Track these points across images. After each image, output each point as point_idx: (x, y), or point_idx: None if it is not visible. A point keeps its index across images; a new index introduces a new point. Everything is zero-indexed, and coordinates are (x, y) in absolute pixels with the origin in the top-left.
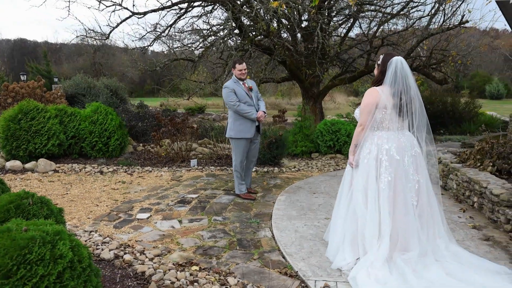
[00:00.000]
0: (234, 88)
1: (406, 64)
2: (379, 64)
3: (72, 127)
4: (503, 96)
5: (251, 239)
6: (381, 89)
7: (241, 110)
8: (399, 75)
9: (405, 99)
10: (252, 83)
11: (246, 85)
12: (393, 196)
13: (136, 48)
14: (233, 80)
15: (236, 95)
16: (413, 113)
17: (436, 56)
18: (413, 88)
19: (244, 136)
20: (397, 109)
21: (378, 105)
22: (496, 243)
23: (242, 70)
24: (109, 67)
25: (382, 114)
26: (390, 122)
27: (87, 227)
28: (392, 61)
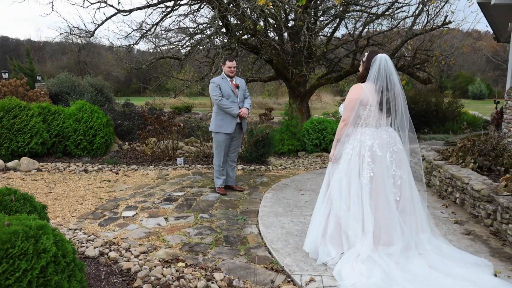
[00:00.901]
0: (220, 83)
1: (391, 62)
2: (363, 61)
3: (56, 125)
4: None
5: (237, 235)
6: (365, 85)
7: (222, 104)
8: (382, 71)
9: (389, 95)
10: (241, 81)
11: (233, 82)
12: (375, 192)
13: (122, 46)
14: (221, 76)
15: (221, 91)
16: (396, 110)
17: (420, 56)
18: (397, 85)
19: (223, 131)
20: (380, 106)
21: (362, 102)
22: (476, 237)
23: (231, 68)
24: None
25: (366, 111)
26: (373, 119)
27: (71, 225)
28: (377, 58)
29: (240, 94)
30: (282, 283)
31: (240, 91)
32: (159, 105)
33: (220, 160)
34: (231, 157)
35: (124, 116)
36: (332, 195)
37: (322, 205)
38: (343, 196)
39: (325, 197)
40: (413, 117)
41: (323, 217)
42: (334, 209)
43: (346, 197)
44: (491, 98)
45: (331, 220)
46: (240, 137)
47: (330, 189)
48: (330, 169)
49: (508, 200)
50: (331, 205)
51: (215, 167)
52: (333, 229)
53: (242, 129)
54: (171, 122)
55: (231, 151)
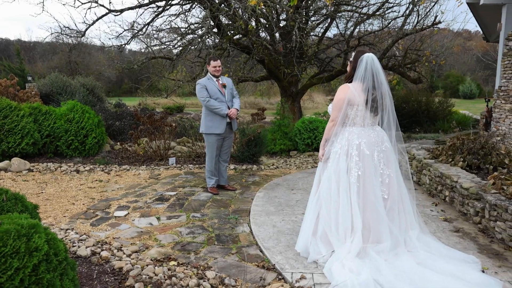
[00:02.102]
0: (206, 84)
1: (377, 61)
2: (351, 61)
3: (47, 126)
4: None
5: (229, 234)
6: (352, 85)
7: (210, 105)
8: (369, 70)
9: (376, 94)
10: (227, 80)
11: (220, 82)
12: (363, 190)
13: (113, 46)
14: (207, 77)
15: (208, 91)
16: (384, 109)
17: (410, 56)
18: (384, 85)
19: (213, 131)
20: (368, 105)
21: (350, 101)
22: (465, 234)
23: (216, 67)
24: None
25: (354, 110)
26: (361, 118)
27: (63, 225)
28: (363, 57)
29: (228, 93)
30: (273, 281)
31: (227, 91)
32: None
33: (212, 161)
34: (223, 157)
35: (116, 116)
36: (321, 194)
37: (313, 205)
38: (332, 195)
39: (315, 196)
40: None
41: (313, 216)
42: (323, 207)
43: (335, 195)
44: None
45: (321, 219)
46: (231, 137)
47: (319, 188)
48: (320, 169)
49: (495, 198)
50: (321, 204)
51: (207, 167)
52: (323, 228)
53: (232, 128)
54: (163, 121)
55: (223, 151)
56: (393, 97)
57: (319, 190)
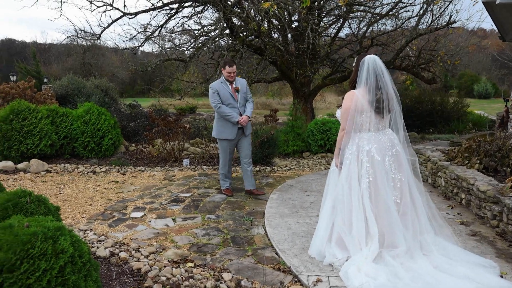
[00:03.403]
0: (218, 89)
1: (380, 61)
2: (354, 66)
3: (64, 127)
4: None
5: (244, 236)
6: (358, 91)
7: (221, 112)
8: (371, 71)
9: (381, 95)
10: (241, 83)
11: (233, 86)
12: (375, 196)
13: (127, 49)
14: (220, 81)
15: (220, 96)
16: (389, 110)
17: (424, 56)
18: (389, 84)
19: (224, 137)
20: (374, 107)
21: (357, 108)
22: (483, 238)
23: (230, 73)
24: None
25: (363, 116)
26: (370, 124)
27: (81, 226)
28: (365, 59)
29: (241, 98)
30: (290, 283)
31: (240, 95)
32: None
33: (225, 165)
34: (243, 160)
35: (131, 117)
36: (335, 200)
37: (326, 211)
38: (345, 202)
39: (328, 202)
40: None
41: (328, 222)
42: (338, 214)
43: (348, 202)
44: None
45: (336, 225)
46: (247, 139)
47: (333, 194)
48: (331, 174)
49: None
50: (335, 210)
51: (220, 170)
52: (338, 234)
53: (245, 133)
54: (177, 123)
55: (242, 153)
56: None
57: (332, 195)
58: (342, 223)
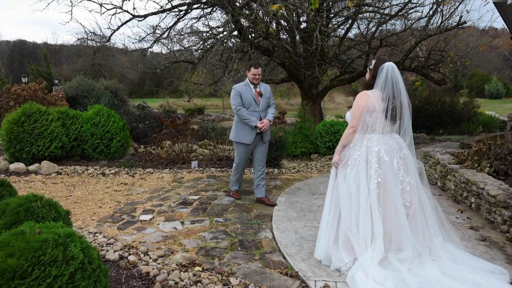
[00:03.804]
0: (241, 91)
1: (397, 70)
2: (370, 69)
3: (74, 130)
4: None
5: (252, 240)
6: (372, 93)
7: (240, 114)
8: (389, 80)
9: (395, 103)
10: (265, 88)
11: (257, 89)
12: (384, 197)
13: (136, 51)
14: (244, 83)
15: (242, 99)
16: (402, 118)
17: (434, 57)
18: (404, 93)
19: (242, 140)
20: (386, 113)
21: (369, 109)
22: (492, 244)
23: (256, 75)
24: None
25: (373, 118)
26: (379, 126)
27: (91, 229)
28: (384, 66)
29: (263, 102)
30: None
31: (263, 99)
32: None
33: (238, 169)
34: (257, 166)
35: (140, 119)
36: (341, 201)
37: (330, 212)
38: (352, 202)
39: (331, 203)
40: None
41: (333, 223)
42: (344, 215)
43: (356, 202)
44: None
45: (341, 226)
46: (264, 146)
47: (338, 195)
48: (335, 175)
49: None
50: (340, 211)
51: (232, 173)
52: (344, 235)
53: (264, 139)
54: (186, 125)
55: (256, 160)
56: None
57: (337, 196)
58: (348, 223)
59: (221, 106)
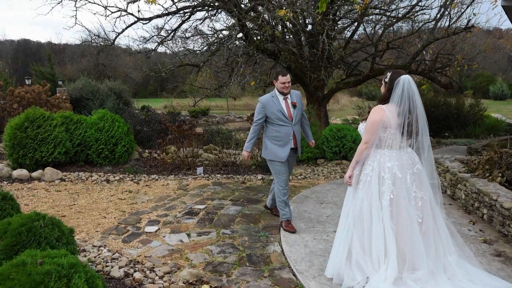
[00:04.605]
0: (266, 103)
1: (414, 83)
2: (386, 82)
3: (78, 135)
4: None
5: (260, 254)
6: (387, 107)
7: (250, 132)
8: (406, 94)
9: (411, 119)
10: (298, 97)
11: (288, 100)
12: (397, 214)
13: (140, 52)
14: (271, 94)
15: (267, 112)
16: (418, 132)
17: (441, 60)
18: (419, 107)
19: (276, 158)
20: (401, 129)
21: (384, 124)
22: (508, 259)
23: (285, 83)
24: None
25: (387, 133)
26: (393, 141)
27: (95, 242)
28: (400, 79)
29: (297, 114)
30: None
31: (296, 111)
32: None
33: (285, 188)
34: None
35: (144, 122)
36: (354, 218)
37: (344, 229)
38: (365, 219)
39: (346, 220)
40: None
41: (346, 240)
42: (357, 232)
43: (368, 219)
44: None
45: (354, 244)
46: (294, 158)
47: (351, 212)
48: (350, 191)
49: None
50: (353, 228)
51: (277, 197)
52: (357, 253)
53: (298, 151)
54: (191, 131)
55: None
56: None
57: (350, 213)
58: (359, 244)
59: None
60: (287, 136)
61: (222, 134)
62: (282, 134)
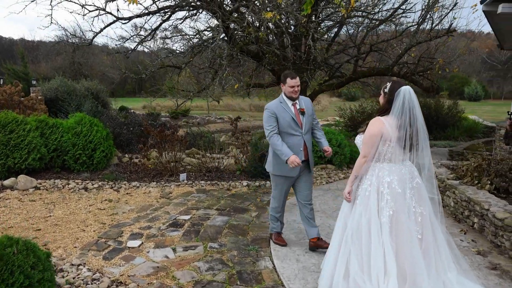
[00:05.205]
0: (276, 111)
1: (414, 94)
2: (386, 92)
3: (54, 140)
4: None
5: (251, 271)
6: (386, 120)
7: (272, 144)
8: (406, 106)
9: (412, 131)
10: (306, 103)
11: (296, 106)
12: (396, 231)
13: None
14: (279, 100)
15: (277, 121)
16: (418, 145)
17: (423, 64)
18: (420, 119)
19: (284, 173)
20: (401, 142)
21: (383, 137)
22: (504, 273)
23: (294, 87)
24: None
25: (386, 146)
26: (393, 155)
27: (74, 259)
28: (400, 90)
29: (306, 122)
30: None
31: (306, 118)
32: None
33: (279, 206)
34: (303, 201)
35: (124, 125)
36: (351, 234)
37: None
38: (363, 236)
39: (342, 234)
40: None
41: (343, 258)
42: (354, 249)
43: (366, 236)
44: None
45: (352, 262)
46: (309, 175)
47: (348, 228)
48: (345, 206)
49: None
50: (351, 245)
51: (270, 211)
52: (355, 272)
53: (310, 165)
54: (174, 136)
55: (299, 192)
56: None
57: (347, 230)
58: (357, 263)
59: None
60: (297, 147)
61: (205, 137)
62: (291, 144)
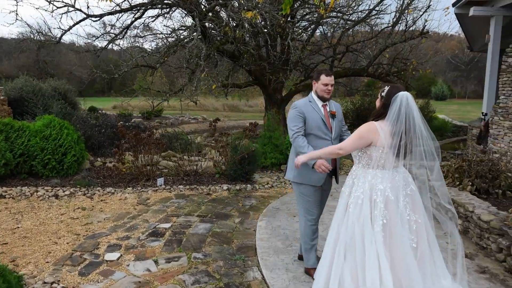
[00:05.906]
0: (305, 110)
1: (412, 100)
2: (382, 96)
3: (20, 144)
4: (447, 97)
5: (240, 283)
6: (380, 125)
7: (297, 146)
8: (403, 113)
9: (406, 139)
10: (337, 107)
11: (326, 108)
12: (390, 240)
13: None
14: (308, 99)
15: (305, 122)
16: (411, 152)
17: (397, 65)
18: (418, 126)
19: (308, 182)
20: (396, 150)
21: (374, 142)
22: (493, 276)
23: (328, 86)
24: (55, 65)
25: (379, 153)
26: (386, 161)
27: (47, 277)
28: (398, 96)
29: (336, 126)
30: None
31: (336, 123)
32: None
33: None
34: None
35: (95, 127)
36: (345, 245)
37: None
38: (356, 247)
39: (335, 246)
40: None
41: (337, 270)
42: (348, 262)
43: (360, 247)
44: (451, 98)
45: (346, 275)
46: (329, 189)
47: (341, 239)
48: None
49: None
50: (343, 259)
51: (301, 230)
52: (349, 286)
53: (336, 176)
54: (150, 139)
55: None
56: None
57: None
58: (350, 276)
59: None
60: None
61: (181, 139)
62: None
